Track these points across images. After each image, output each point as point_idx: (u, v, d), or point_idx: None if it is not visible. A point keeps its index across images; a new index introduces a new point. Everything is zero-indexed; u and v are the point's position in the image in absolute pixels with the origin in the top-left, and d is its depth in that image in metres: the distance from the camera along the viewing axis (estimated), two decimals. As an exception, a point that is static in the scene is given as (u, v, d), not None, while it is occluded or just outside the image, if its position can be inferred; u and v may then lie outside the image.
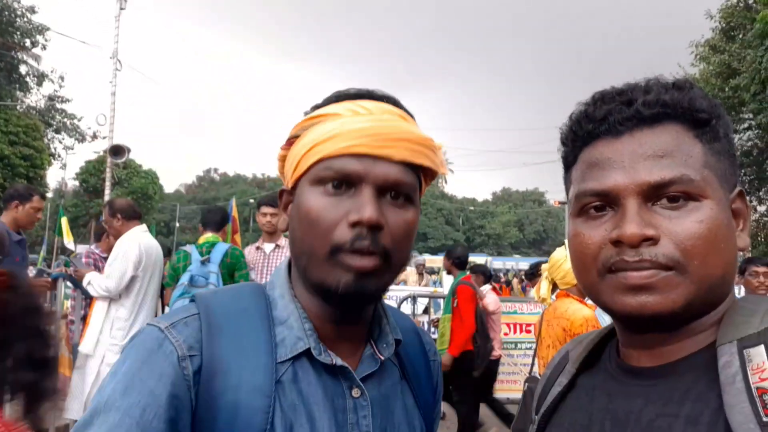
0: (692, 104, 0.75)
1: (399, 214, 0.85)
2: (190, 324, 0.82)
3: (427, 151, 0.88)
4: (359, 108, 0.86)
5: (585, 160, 0.80)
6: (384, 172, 0.83)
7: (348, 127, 0.83)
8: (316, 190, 0.84)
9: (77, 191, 39.62)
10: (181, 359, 0.78)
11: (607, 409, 0.78)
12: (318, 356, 0.84)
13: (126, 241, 4.25)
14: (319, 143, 0.84)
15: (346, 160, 0.82)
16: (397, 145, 0.84)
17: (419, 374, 0.99)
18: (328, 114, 0.86)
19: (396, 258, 0.84)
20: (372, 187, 0.82)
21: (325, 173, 0.83)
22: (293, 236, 0.87)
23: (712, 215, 0.71)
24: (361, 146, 0.82)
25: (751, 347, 0.65)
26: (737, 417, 0.62)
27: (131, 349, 0.80)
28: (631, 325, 0.77)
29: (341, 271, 0.81)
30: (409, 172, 0.86)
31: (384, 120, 0.85)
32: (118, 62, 17.94)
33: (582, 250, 0.77)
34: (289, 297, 0.89)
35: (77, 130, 32.09)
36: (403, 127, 0.86)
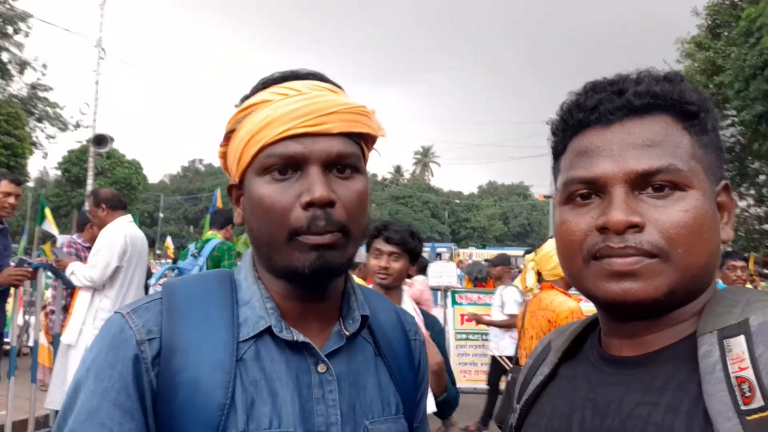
0: (682, 96, 0.76)
1: (348, 186, 0.86)
2: (151, 308, 0.85)
3: (363, 118, 0.89)
4: (288, 90, 0.87)
5: (574, 149, 0.80)
6: (325, 147, 0.84)
7: (281, 110, 0.84)
8: (264, 179, 0.85)
9: (59, 181, 39.13)
10: (140, 343, 0.81)
11: (588, 397, 0.79)
12: (279, 333, 0.85)
13: (111, 231, 4.20)
14: (256, 133, 0.84)
15: (287, 143, 0.83)
16: (332, 119, 0.85)
17: (396, 352, 1.00)
18: (258, 102, 0.87)
19: (354, 230, 0.86)
20: (317, 165, 0.83)
21: (268, 161, 0.84)
22: (250, 227, 0.89)
23: (697, 205, 0.72)
24: (298, 126, 0.83)
25: (732, 337, 0.66)
26: (716, 405, 0.63)
27: (98, 337, 0.84)
28: (614, 312, 0.78)
29: (303, 252, 0.82)
30: (350, 143, 0.87)
31: (314, 96, 0.86)
32: (102, 51, 17.71)
33: (568, 237, 0.78)
34: (252, 279, 0.90)
35: (60, 119, 31.58)
36: (335, 100, 0.87)
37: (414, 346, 1.06)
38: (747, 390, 0.62)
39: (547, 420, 0.84)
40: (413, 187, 68.91)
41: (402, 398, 0.97)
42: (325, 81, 0.92)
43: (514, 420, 0.92)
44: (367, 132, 0.90)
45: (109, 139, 16.08)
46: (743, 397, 0.62)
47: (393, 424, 0.93)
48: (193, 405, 0.78)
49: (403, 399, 0.97)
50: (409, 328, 1.07)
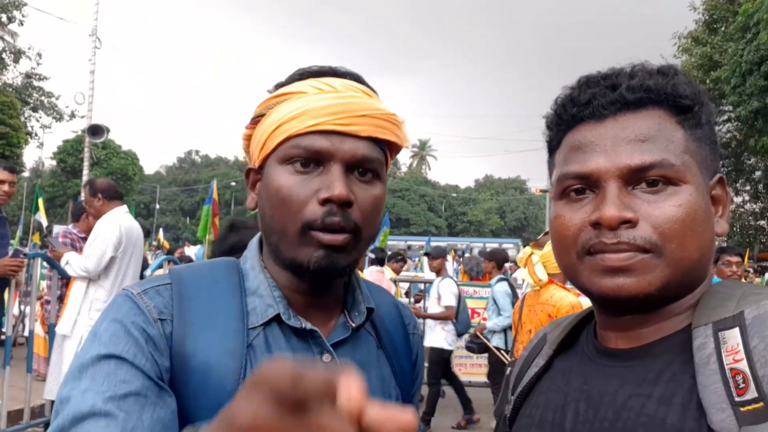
0: (675, 90, 0.76)
1: (367, 190, 0.86)
2: (162, 292, 0.84)
3: (392, 126, 0.89)
4: (324, 85, 0.86)
5: (568, 144, 0.80)
6: (351, 148, 0.84)
7: (314, 104, 0.84)
8: (285, 168, 0.85)
9: (54, 171, 38.91)
10: (154, 321, 0.80)
11: (582, 389, 0.79)
12: (287, 320, 0.85)
13: (106, 222, 4.17)
14: (285, 121, 0.84)
15: (314, 137, 0.83)
16: (363, 122, 0.85)
17: (397, 345, 1.01)
18: (293, 92, 0.87)
19: (365, 233, 0.86)
20: (340, 164, 0.83)
21: (293, 151, 0.84)
22: (263, 214, 0.88)
23: (690, 200, 0.72)
24: (328, 123, 0.83)
25: (726, 330, 0.66)
26: (710, 397, 0.63)
27: (107, 312, 0.82)
28: (608, 306, 0.78)
29: (312, 247, 0.82)
30: (375, 148, 0.87)
31: (349, 96, 0.86)
32: (97, 40, 17.57)
33: (562, 231, 0.78)
34: (259, 268, 0.90)
35: (55, 109, 31.38)
36: (368, 103, 0.87)
37: (412, 340, 1.06)
38: (741, 381, 0.62)
39: (541, 411, 0.84)
40: (410, 180, 68.76)
41: (401, 392, 0.98)
42: (362, 83, 0.92)
43: (508, 411, 0.93)
44: (394, 141, 0.90)
45: (105, 130, 15.98)
46: (737, 389, 0.62)
47: None
48: (204, 391, 0.78)
49: (401, 392, 0.98)
50: (408, 321, 1.07)
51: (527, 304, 3.55)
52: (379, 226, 0.91)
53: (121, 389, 0.71)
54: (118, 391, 0.71)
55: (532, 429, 0.84)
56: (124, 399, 0.71)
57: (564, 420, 0.79)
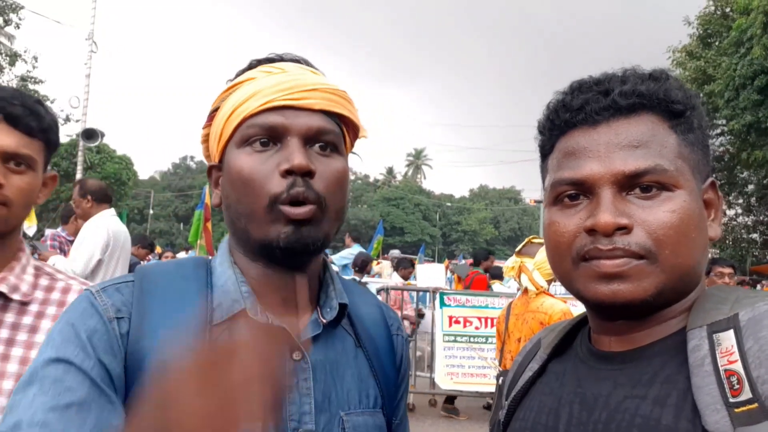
0: (668, 95, 0.76)
1: (327, 163, 0.86)
2: (122, 290, 0.84)
3: (344, 102, 0.91)
4: (272, 68, 0.89)
5: (561, 149, 0.80)
6: (306, 121, 0.85)
7: (264, 84, 0.86)
8: (244, 150, 0.86)
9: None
10: (109, 321, 0.79)
11: (576, 392, 0.79)
12: (254, 316, 0.83)
13: (94, 224, 4.12)
14: (238, 105, 0.86)
15: (268, 114, 0.84)
16: (314, 95, 0.86)
17: (378, 346, 0.98)
18: (243, 80, 0.89)
19: (331, 205, 0.86)
20: (297, 138, 0.84)
21: (249, 131, 0.85)
22: (228, 202, 0.88)
23: (684, 205, 0.72)
24: (280, 99, 0.84)
25: (721, 332, 0.67)
26: (705, 398, 0.63)
27: (65, 313, 0.82)
28: (603, 312, 0.78)
29: (281, 223, 0.82)
30: (330, 121, 0.88)
31: (298, 74, 0.88)
32: (93, 44, 17.56)
33: (557, 238, 0.78)
34: (227, 263, 0.89)
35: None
36: (317, 79, 0.89)
37: (396, 341, 1.04)
38: (736, 383, 0.62)
39: (534, 414, 0.84)
40: (405, 189, 68.91)
41: (382, 393, 0.96)
42: (309, 66, 0.94)
43: (502, 416, 0.92)
44: (347, 115, 0.91)
45: (99, 134, 15.92)
46: (732, 390, 0.62)
47: (370, 417, 0.91)
48: None
49: (383, 394, 0.96)
50: (391, 323, 1.06)
51: (514, 313, 3.53)
52: (345, 201, 0.90)
53: (65, 398, 0.71)
54: (62, 400, 0.71)
55: None
56: (66, 409, 0.70)
57: (558, 422, 0.79)
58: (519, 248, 3.64)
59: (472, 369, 6.77)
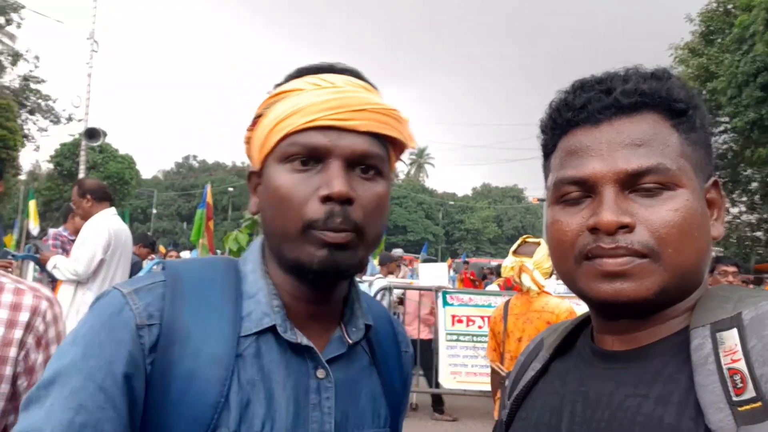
0: (670, 94, 0.76)
1: (369, 188, 0.84)
2: (154, 291, 0.81)
3: (394, 122, 0.87)
4: (321, 81, 0.84)
5: (564, 148, 0.80)
6: (350, 144, 0.82)
7: (310, 100, 0.82)
8: (284, 167, 0.83)
9: (51, 174, 38.82)
10: (139, 327, 0.77)
11: (578, 391, 0.79)
12: (283, 333, 0.82)
13: (95, 224, 4.12)
14: (282, 119, 0.82)
15: (311, 134, 0.81)
16: (362, 116, 0.82)
17: (389, 363, 0.98)
18: (290, 90, 0.85)
19: (369, 232, 0.83)
20: (340, 161, 0.81)
21: (291, 149, 0.82)
22: (264, 216, 0.86)
23: (687, 204, 0.72)
24: (325, 119, 0.81)
25: (724, 330, 0.67)
26: (708, 396, 0.63)
27: (93, 312, 0.80)
28: (606, 311, 0.78)
29: (315, 247, 0.80)
30: (376, 144, 0.85)
31: (347, 91, 0.84)
32: (95, 43, 17.60)
33: (560, 237, 0.78)
34: (260, 272, 0.87)
35: (52, 112, 31.32)
36: (367, 98, 0.84)
37: (404, 358, 1.04)
38: (739, 381, 0.62)
39: (537, 414, 0.84)
40: (408, 187, 68.84)
41: (390, 412, 0.96)
42: (361, 79, 0.90)
43: (505, 416, 0.92)
44: (396, 136, 0.87)
45: (102, 133, 15.97)
46: (735, 389, 0.62)
47: None
48: (185, 399, 0.75)
49: (391, 413, 0.96)
50: (401, 339, 1.05)
51: (513, 313, 3.48)
52: (384, 225, 0.88)
53: (80, 417, 0.70)
54: (78, 418, 0.70)
55: (528, 431, 0.84)
56: (80, 429, 0.70)
57: (560, 421, 0.79)
58: (515, 248, 3.62)
59: (475, 368, 6.76)
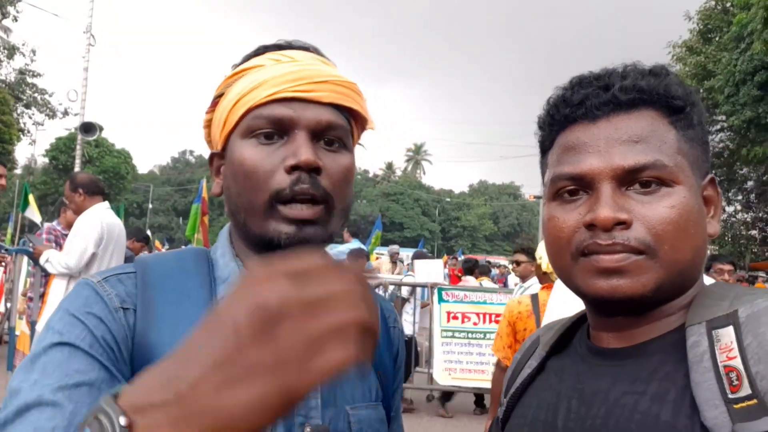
0: (668, 91, 0.76)
1: (335, 159, 0.83)
2: (124, 281, 0.80)
3: (354, 94, 0.87)
4: (281, 57, 0.85)
5: (561, 144, 0.80)
6: (315, 115, 0.82)
7: (272, 73, 0.82)
8: (249, 142, 0.82)
9: (47, 168, 38.72)
10: (115, 310, 0.76)
11: (574, 388, 0.79)
12: None
13: (87, 218, 4.10)
14: (245, 94, 0.82)
15: (275, 106, 0.81)
16: (324, 88, 0.83)
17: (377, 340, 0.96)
18: (250, 67, 0.85)
19: (337, 203, 0.83)
20: (305, 131, 0.81)
21: (255, 122, 0.81)
22: (229, 193, 0.86)
23: (683, 201, 0.72)
24: (288, 90, 0.81)
25: (720, 328, 0.67)
26: (704, 394, 0.63)
27: (65, 300, 0.77)
28: (602, 308, 0.78)
29: (282, 223, 0.79)
30: (339, 116, 0.85)
31: (308, 64, 0.84)
32: (91, 37, 17.51)
33: (556, 233, 0.78)
34: (230, 256, 0.87)
35: (48, 106, 31.24)
36: (328, 70, 0.85)
37: (393, 333, 1.04)
38: (735, 379, 0.62)
39: (533, 410, 0.84)
40: (404, 184, 68.92)
41: (382, 386, 0.95)
42: (319, 54, 0.90)
43: (501, 413, 0.92)
44: (357, 109, 0.87)
45: (98, 128, 15.92)
46: (731, 386, 0.62)
47: (373, 410, 0.91)
48: None
49: (383, 387, 0.95)
50: (388, 315, 1.05)
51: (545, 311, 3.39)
52: (351, 198, 0.88)
53: (73, 378, 0.67)
54: (70, 380, 0.67)
55: (524, 429, 0.84)
56: (75, 388, 0.66)
57: (556, 418, 0.79)
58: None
59: (470, 365, 6.76)
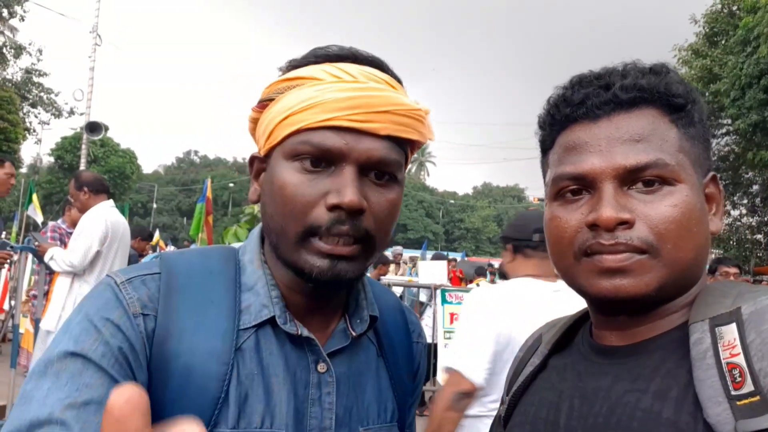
0: (668, 89, 0.76)
1: (382, 194, 0.78)
2: (148, 283, 0.77)
3: (416, 123, 0.81)
4: (342, 73, 0.78)
5: (562, 144, 0.80)
6: (368, 148, 0.76)
7: (329, 95, 0.75)
8: (292, 165, 0.77)
9: (52, 167, 38.86)
10: (135, 316, 0.73)
11: (576, 386, 0.79)
12: (283, 325, 0.78)
13: (92, 216, 4.12)
14: (295, 112, 0.76)
15: (326, 133, 0.75)
16: (383, 119, 0.76)
17: (398, 355, 0.94)
18: (306, 77, 0.78)
19: (378, 241, 0.79)
20: (354, 166, 0.75)
21: (302, 147, 0.76)
22: (264, 210, 0.81)
23: (685, 199, 0.72)
24: (344, 119, 0.75)
25: (723, 325, 0.66)
26: (707, 391, 0.63)
27: (86, 300, 0.76)
28: (605, 307, 0.78)
29: (315, 256, 0.75)
30: (395, 148, 0.79)
31: (369, 89, 0.77)
32: (98, 37, 17.56)
33: (559, 233, 0.78)
34: (258, 263, 0.83)
35: (54, 105, 31.31)
36: (391, 98, 0.77)
37: (416, 349, 1.00)
38: (738, 375, 0.62)
39: (535, 409, 0.84)
40: (408, 185, 68.81)
41: (398, 405, 0.92)
42: (385, 70, 0.83)
43: (503, 411, 0.92)
44: (418, 139, 0.82)
45: (103, 127, 15.95)
46: (734, 383, 0.62)
47: (387, 431, 0.89)
48: (184, 395, 0.72)
49: (399, 406, 0.93)
50: (413, 329, 1.01)
51: None
52: (392, 230, 0.83)
53: (83, 395, 0.66)
54: (80, 397, 0.65)
55: (526, 427, 0.84)
56: (84, 407, 0.65)
57: (558, 416, 0.79)
58: None
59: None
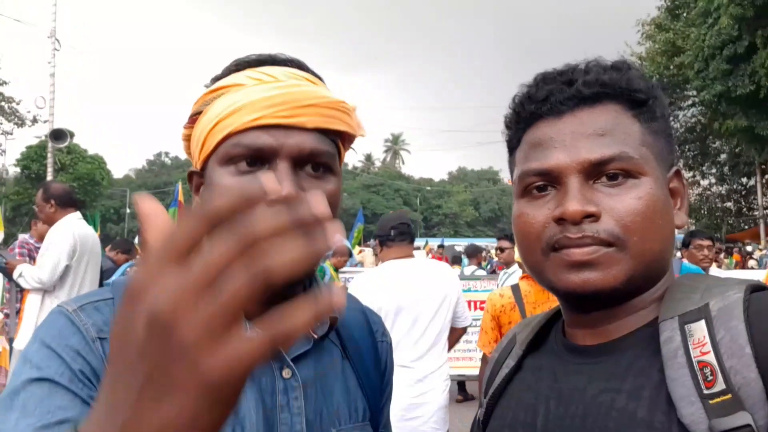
0: (630, 84, 0.77)
1: (320, 187, 0.80)
2: (102, 308, 0.77)
3: (342, 114, 0.83)
4: (262, 75, 0.80)
5: (528, 141, 0.81)
6: (298, 142, 0.78)
7: (253, 96, 0.77)
8: (227, 169, 0.78)
9: (18, 178, 37.90)
10: (93, 341, 0.72)
11: (552, 387, 0.79)
12: None
13: (59, 230, 4.00)
14: (223, 118, 0.78)
15: (256, 133, 0.77)
16: (308, 112, 0.78)
17: (363, 355, 0.95)
18: (229, 85, 0.80)
19: None
20: (287, 161, 0.77)
21: (234, 150, 0.78)
22: None
23: (650, 192, 0.73)
24: (270, 116, 0.77)
25: (692, 322, 0.67)
26: (679, 390, 0.64)
27: (41, 329, 0.74)
28: (575, 302, 0.78)
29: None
30: (325, 140, 0.81)
31: (291, 86, 0.79)
32: (56, 42, 17.13)
33: (526, 229, 0.78)
34: None
35: (16, 114, 30.55)
36: (313, 92, 0.80)
37: (381, 347, 1.00)
38: (709, 374, 0.63)
39: (513, 411, 0.84)
40: (384, 175, 68.94)
41: (369, 404, 0.93)
42: (305, 70, 0.85)
43: (481, 415, 0.92)
44: (346, 130, 0.84)
45: (68, 134, 15.61)
46: (705, 382, 0.63)
47: (360, 431, 0.89)
48: None
49: (369, 404, 0.93)
50: (376, 328, 1.01)
51: (529, 301, 3.28)
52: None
53: (56, 416, 0.64)
54: (52, 418, 0.64)
55: (505, 430, 0.84)
56: (58, 426, 0.63)
57: (536, 419, 0.79)
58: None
59: (457, 353, 6.78)
